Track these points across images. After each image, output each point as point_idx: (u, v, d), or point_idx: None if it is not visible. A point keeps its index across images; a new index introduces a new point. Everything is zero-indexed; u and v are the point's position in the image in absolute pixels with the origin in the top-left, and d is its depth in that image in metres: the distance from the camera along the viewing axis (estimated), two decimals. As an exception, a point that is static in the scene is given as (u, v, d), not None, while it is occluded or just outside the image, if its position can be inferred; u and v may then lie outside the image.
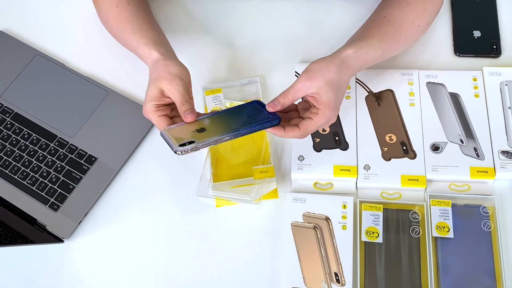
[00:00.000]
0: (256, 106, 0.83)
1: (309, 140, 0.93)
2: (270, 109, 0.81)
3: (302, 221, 0.88)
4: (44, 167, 0.95)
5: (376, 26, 0.91)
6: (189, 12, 1.07)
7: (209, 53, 1.03)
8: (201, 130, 0.79)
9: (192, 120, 0.80)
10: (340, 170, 0.90)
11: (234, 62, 1.02)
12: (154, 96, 0.82)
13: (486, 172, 0.89)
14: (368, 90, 0.96)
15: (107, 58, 1.04)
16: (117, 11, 0.93)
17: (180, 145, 0.76)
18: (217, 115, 0.82)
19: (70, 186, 0.93)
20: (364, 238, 0.86)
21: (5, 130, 0.98)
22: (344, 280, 0.84)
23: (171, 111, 0.84)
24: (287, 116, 0.85)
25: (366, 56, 0.87)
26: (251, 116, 0.81)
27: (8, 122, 0.99)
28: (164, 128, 0.80)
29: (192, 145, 0.77)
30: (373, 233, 0.87)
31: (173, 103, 0.83)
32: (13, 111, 1.00)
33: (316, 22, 1.04)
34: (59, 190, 0.93)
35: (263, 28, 1.05)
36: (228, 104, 0.95)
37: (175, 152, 0.76)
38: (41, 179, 0.94)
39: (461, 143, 0.91)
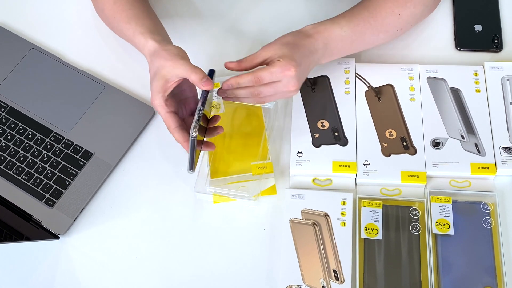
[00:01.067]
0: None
1: (308, 135, 0.92)
2: (229, 64, 0.84)
3: (301, 218, 0.87)
4: (39, 162, 0.93)
5: (350, 10, 0.91)
6: (189, 2, 1.05)
7: (208, 46, 1.01)
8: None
9: (211, 88, 0.81)
10: (339, 166, 0.89)
11: (233, 55, 1.00)
12: (160, 87, 0.82)
13: (487, 168, 0.88)
14: (368, 85, 0.95)
15: (103, 52, 1.02)
16: (112, 0, 0.92)
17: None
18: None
19: (66, 182, 0.92)
20: (364, 235, 0.85)
21: (0, 125, 0.97)
22: (343, 278, 0.83)
23: (177, 104, 0.84)
24: None
25: (330, 32, 0.87)
26: None
27: (3, 117, 0.97)
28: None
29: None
30: (372, 230, 0.86)
31: (178, 92, 0.84)
32: (8, 105, 0.98)
33: (318, 15, 1.03)
34: (55, 186, 0.92)
35: (263, 19, 1.03)
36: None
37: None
38: (36, 174, 0.93)
39: (462, 139, 0.90)
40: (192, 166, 0.80)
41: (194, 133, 0.78)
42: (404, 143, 0.90)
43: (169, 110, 0.82)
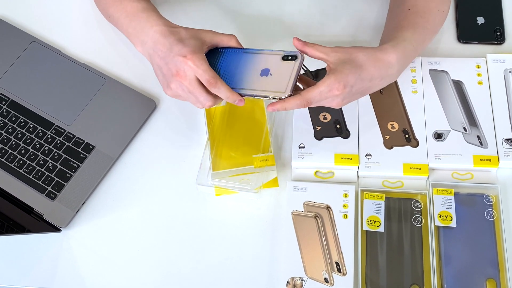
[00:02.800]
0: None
1: (310, 128, 0.92)
2: (296, 42, 0.80)
3: (303, 210, 0.87)
4: (40, 155, 0.93)
5: (405, 19, 0.87)
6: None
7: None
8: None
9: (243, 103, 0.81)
10: (342, 158, 0.89)
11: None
12: (199, 47, 0.80)
13: (490, 160, 0.88)
14: (370, 78, 0.95)
15: (104, 45, 1.02)
16: None
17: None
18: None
19: (68, 175, 0.92)
20: (366, 227, 0.85)
21: (1, 118, 0.97)
22: (345, 270, 0.83)
23: None
24: None
25: (405, 51, 0.82)
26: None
27: (4, 110, 0.97)
28: None
29: None
30: (374, 222, 0.86)
31: None
32: (9, 98, 0.98)
33: (326, 9, 1.02)
34: (56, 179, 0.92)
35: (270, 13, 1.03)
36: None
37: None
38: (37, 167, 0.92)
39: (464, 131, 0.90)
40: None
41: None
42: (406, 136, 0.90)
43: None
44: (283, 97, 0.77)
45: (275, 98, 0.77)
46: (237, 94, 0.80)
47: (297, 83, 0.80)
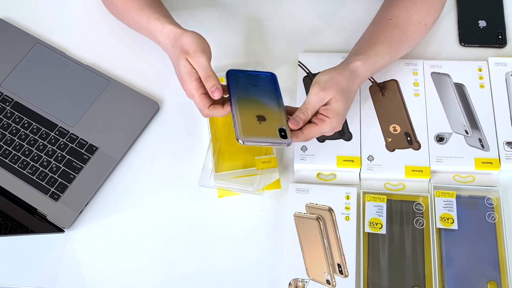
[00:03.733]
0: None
1: (312, 130, 0.92)
2: (292, 126, 0.80)
3: (305, 212, 0.87)
4: (44, 156, 0.94)
5: (382, 31, 0.89)
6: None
7: (211, 41, 1.01)
8: (261, 118, 0.80)
9: (219, 97, 0.81)
10: (344, 160, 0.90)
11: (235, 51, 1.01)
12: (190, 71, 0.82)
13: (491, 163, 0.88)
14: (372, 80, 0.95)
15: (108, 47, 1.03)
16: None
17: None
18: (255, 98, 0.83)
19: (71, 176, 0.92)
20: (368, 229, 0.86)
21: (5, 119, 0.97)
22: (347, 272, 0.83)
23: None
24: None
25: (375, 66, 0.86)
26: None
27: (8, 111, 0.98)
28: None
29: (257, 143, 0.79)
30: (376, 224, 0.86)
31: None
32: (13, 99, 0.99)
33: (324, 12, 1.03)
34: (60, 180, 0.92)
35: (266, 16, 1.04)
36: None
37: (237, 140, 0.79)
38: (41, 168, 0.93)
39: (466, 134, 0.90)
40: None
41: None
42: (408, 138, 0.91)
43: (202, 92, 0.82)
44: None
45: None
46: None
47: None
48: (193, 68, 0.83)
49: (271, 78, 0.86)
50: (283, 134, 0.79)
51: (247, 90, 0.84)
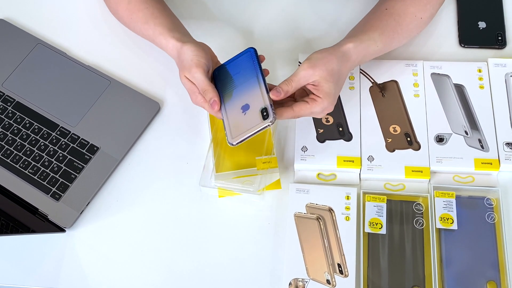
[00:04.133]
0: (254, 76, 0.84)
1: (312, 131, 0.93)
2: (273, 97, 0.81)
3: (305, 212, 0.88)
4: (45, 156, 0.94)
5: (377, 18, 0.90)
6: (201, 4, 1.06)
7: (212, 42, 1.02)
8: (245, 108, 0.81)
9: (218, 109, 0.82)
10: (344, 161, 0.90)
11: (236, 51, 1.01)
12: (191, 86, 0.84)
13: (491, 163, 0.88)
14: (372, 81, 0.96)
15: (109, 47, 1.03)
16: (127, 1, 0.92)
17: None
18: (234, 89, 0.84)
19: (72, 176, 0.93)
20: (368, 229, 0.86)
21: (6, 119, 0.97)
22: (347, 271, 0.84)
23: None
24: (281, 101, 0.84)
25: (367, 50, 0.87)
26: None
27: (10, 111, 0.98)
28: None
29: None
30: (376, 224, 0.86)
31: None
32: (14, 100, 0.99)
33: (323, 12, 1.03)
34: (61, 180, 0.92)
35: (267, 16, 1.04)
36: None
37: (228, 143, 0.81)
38: (42, 168, 0.93)
39: (465, 135, 0.91)
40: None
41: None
42: (408, 139, 0.91)
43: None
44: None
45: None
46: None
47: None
48: (192, 84, 0.84)
49: (249, 56, 0.85)
50: (265, 114, 0.79)
51: (229, 83, 0.85)
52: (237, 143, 0.80)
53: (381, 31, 0.88)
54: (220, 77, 0.86)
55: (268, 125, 0.79)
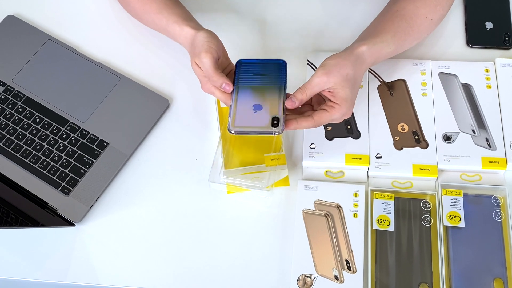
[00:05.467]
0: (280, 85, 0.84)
1: (320, 128, 0.93)
2: (288, 106, 0.81)
3: (314, 209, 0.88)
4: (55, 151, 0.95)
5: (389, 20, 0.90)
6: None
7: (221, 39, 1.03)
8: (257, 107, 0.82)
9: (230, 91, 0.83)
10: (352, 158, 0.91)
11: (245, 49, 1.02)
12: (200, 73, 0.84)
13: (498, 162, 0.89)
14: (381, 80, 0.96)
15: (119, 44, 1.04)
16: None
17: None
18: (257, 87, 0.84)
19: (82, 171, 0.93)
20: (376, 226, 0.87)
21: (16, 114, 0.98)
22: (355, 267, 0.84)
23: None
24: (300, 109, 0.85)
25: (380, 52, 0.87)
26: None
27: (20, 106, 0.99)
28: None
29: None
30: (384, 221, 0.87)
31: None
32: (24, 95, 1.00)
33: (332, 11, 1.04)
34: (71, 174, 0.93)
35: (276, 14, 1.05)
36: None
37: (228, 130, 0.81)
38: (52, 163, 0.94)
39: (473, 134, 0.91)
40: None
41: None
42: (416, 137, 0.92)
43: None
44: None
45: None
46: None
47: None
48: (201, 70, 0.84)
49: (279, 66, 0.86)
50: (275, 122, 0.80)
51: (251, 79, 0.85)
52: (236, 132, 0.80)
53: (393, 33, 0.88)
54: (244, 69, 0.86)
55: (275, 132, 0.80)
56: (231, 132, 0.80)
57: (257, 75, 0.86)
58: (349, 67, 0.83)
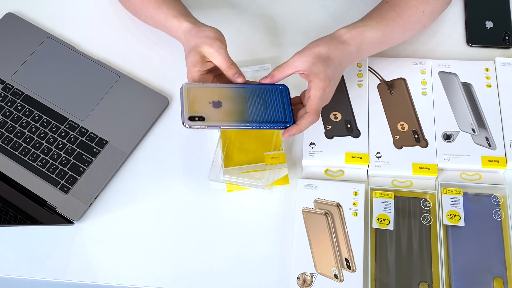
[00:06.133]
0: (279, 95, 0.85)
1: (320, 127, 0.93)
2: (262, 81, 0.84)
3: (313, 207, 0.88)
4: (54, 149, 0.94)
5: (376, 10, 0.91)
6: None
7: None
8: (217, 104, 0.81)
9: (243, 81, 0.84)
10: (352, 157, 0.91)
11: (245, 48, 1.02)
12: (196, 61, 0.84)
13: (498, 161, 0.89)
14: (381, 79, 0.96)
15: (118, 42, 1.04)
16: None
17: (190, 118, 0.80)
18: (240, 89, 0.84)
19: (81, 169, 0.93)
20: (375, 225, 0.87)
21: (15, 112, 0.98)
22: (355, 266, 0.84)
23: (213, 79, 0.87)
24: (295, 110, 0.86)
25: (363, 35, 0.87)
26: (270, 108, 0.83)
27: (19, 104, 0.98)
28: (185, 84, 0.82)
29: (200, 123, 0.80)
30: (384, 220, 0.87)
31: (214, 69, 0.86)
32: (23, 93, 0.99)
33: (333, 11, 1.04)
34: (70, 173, 0.93)
35: (276, 14, 1.05)
36: None
37: (182, 123, 0.80)
38: (51, 161, 0.94)
39: (473, 133, 0.91)
40: None
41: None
42: (416, 136, 0.92)
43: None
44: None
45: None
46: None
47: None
48: (201, 61, 0.84)
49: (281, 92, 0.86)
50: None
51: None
52: (189, 126, 0.80)
53: (378, 20, 0.89)
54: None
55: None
56: (183, 124, 0.80)
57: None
58: (321, 45, 0.84)
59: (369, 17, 0.90)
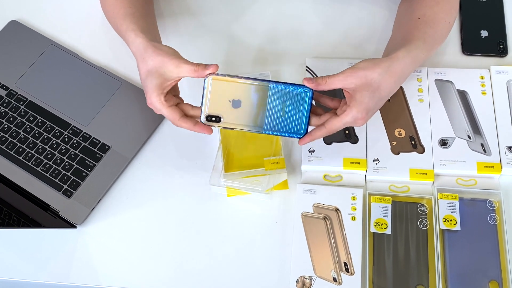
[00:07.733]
0: (301, 100, 0.83)
1: (319, 133, 0.95)
2: (305, 82, 0.81)
3: (312, 212, 0.90)
4: (57, 154, 0.96)
5: (415, 28, 0.90)
6: (202, 3, 1.08)
7: (220, 47, 1.04)
8: (237, 103, 0.83)
9: (215, 70, 0.82)
10: (350, 162, 0.92)
11: (245, 56, 1.04)
12: (157, 86, 0.83)
13: (493, 167, 0.91)
14: (378, 86, 0.98)
15: (120, 49, 1.05)
16: None
17: (207, 117, 0.83)
18: (264, 87, 0.83)
19: (84, 174, 0.94)
20: (373, 229, 0.88)
21: (19, 118, 0.99)
22: (353, 269, 0.86)
23: (176, 100, 0.87)
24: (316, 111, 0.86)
25: (416, 58, 0.86)
26: (287, 115, 0.83)
27: (22, 110, 1.00)
28: (212, 76, 0.82)
29: (215, 123, 0.84)
30: (381, 224, 0.88)
31: (176, 89, 0.87)
32: (27, 99, 1.01)
33: (330, 18, 1.06)
34: (73, 177, 0.94)
35: (275, 22, 1.07)
36: None
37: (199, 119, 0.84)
38: (54, 166, 0.95)
39: (468, 139, 0.93)
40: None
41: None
42: (413, 142, 0.93)
43: (169, 105, 0.84)
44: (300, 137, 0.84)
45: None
46: (200, 127, 0.85)
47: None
48: (161, 83, 0.83)
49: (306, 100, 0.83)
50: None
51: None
52: (205, 123, 0.83)
53: (423, 40, 0.88)
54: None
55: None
56: (201, 120, 0.83)
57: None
58: (377, 73, 0.81)
59: (414, 38, 0.88)
